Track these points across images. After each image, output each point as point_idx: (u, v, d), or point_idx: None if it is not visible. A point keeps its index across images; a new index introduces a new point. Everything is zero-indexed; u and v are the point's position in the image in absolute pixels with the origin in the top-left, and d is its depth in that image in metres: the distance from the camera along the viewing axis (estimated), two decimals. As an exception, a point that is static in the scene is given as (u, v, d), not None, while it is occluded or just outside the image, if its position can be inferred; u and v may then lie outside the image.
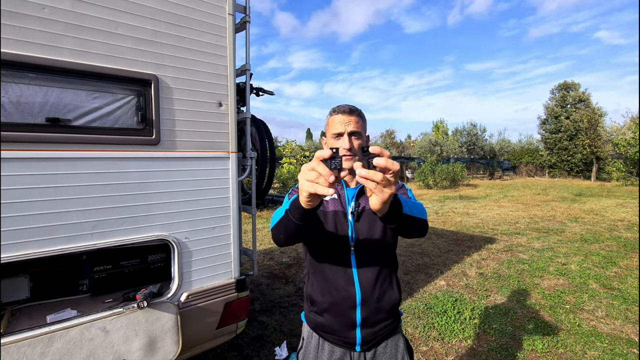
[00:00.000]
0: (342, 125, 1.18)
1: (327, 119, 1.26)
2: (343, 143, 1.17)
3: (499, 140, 29.20)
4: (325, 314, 1.19)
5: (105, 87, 1.74)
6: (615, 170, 17.43)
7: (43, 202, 1.57)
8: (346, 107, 1.21)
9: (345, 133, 1.18)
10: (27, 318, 1.74)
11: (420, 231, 1.08)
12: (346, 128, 1.17)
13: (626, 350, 2.71)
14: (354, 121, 1.19)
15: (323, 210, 1.19)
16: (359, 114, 1.22)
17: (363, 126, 1.23)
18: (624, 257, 5.05)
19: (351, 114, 1.19)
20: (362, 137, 1.22)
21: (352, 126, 1.18)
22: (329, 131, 1.24)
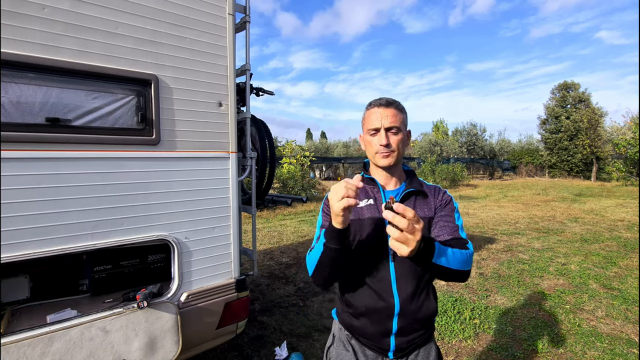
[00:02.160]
0: (379, 119, 1.09)
1: (363, 113, 1.18)
2: (379, 139, 1.09)
3: (499, 140, 29.22)
4: (361, 317, 1.14)
5: (105, 87, 1.74)
6: (615, 170, 17.43)
7: (43, 202, 1.57)
8: (383, 99, 1.12)
9: (381, 128, 1.09)
10: (27, 318, 1.73)
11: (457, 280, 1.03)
12: (383, 122, 1.09)
13: (626, 350, 2.71)
14: (392, 114, 1.09)
15: (358, 218, 1.12)
16: (397, 106, 1.12)
17: (403, 120, 1.13)
18: (624, 257, 5.05)
19: (388, 106, 1.10)
20: (401, 132, 1.12)
21: (390, 120, 1.09)
22: (365, 127, 1.15)
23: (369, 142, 1.14)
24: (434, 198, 1.18)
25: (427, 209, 1.15)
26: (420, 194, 1.17)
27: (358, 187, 0.85)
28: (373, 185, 1.18)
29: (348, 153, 29.78)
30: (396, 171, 1.18)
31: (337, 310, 1.27)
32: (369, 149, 1.14)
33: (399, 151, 1.12)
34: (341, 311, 1.22)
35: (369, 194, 1.16)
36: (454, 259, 0.96)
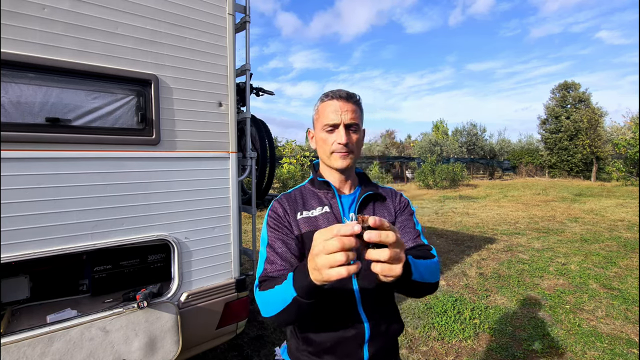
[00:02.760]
0: (338, 114, 0.95)
1: (317, 105, 1.01)
2: (338, 137, 0.95)
3: (499, 140, 29.21)
4: (325, 355, 0.94)
5: (105, 87, 1.74)
6: (615, 170, 17.42)
7: (43, 202, 1.57)
8: (343, 91, 0.98)
9: (341, 124, 0.95)
10: (27, 318, 1.74)
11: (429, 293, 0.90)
12: (342, 118, 0.95)
13: (626, 350, 2.71)
14: (352, 110, 0.96)
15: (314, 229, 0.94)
16: (357, 101, 1.00)
17: (361, 117, 1.01)
18: (624, 257, 5.05)
19: (348, 100, 0.97)
20: (359, 131, 1.00)
21: (350, 116, 0.95)
22: (319, 121, 1.00)
23: (323, 139, 0.98)
24: (392, 201, 1.08)
25: (387, 213, 1.05)
26: (378, 198, 1.06)
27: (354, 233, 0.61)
28: (327, 190, 1.03)
29: (348, 153, 29.65)
30: (351, 174, 1.06)
31: (290, 350, 1.02)
32: (324, 148, 0.99)
33: (357, 152, 1.00)
34: (296, 351, 0.99)
35: (323, 201, 1.01)
36: (427, 271, 0.84)
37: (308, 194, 1.05)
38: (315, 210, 0.99)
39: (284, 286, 0.77)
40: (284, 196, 1.04)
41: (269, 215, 1.00)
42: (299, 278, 0.72)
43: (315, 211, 0.99)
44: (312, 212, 0.99)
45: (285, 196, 1.04)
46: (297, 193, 1.05)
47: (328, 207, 1.00)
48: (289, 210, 0.99)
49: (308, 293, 0.72)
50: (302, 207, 1.00)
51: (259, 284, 0.90)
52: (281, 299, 0.78)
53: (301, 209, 1.00)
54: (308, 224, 0.97)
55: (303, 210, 0.99)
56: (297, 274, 0.74)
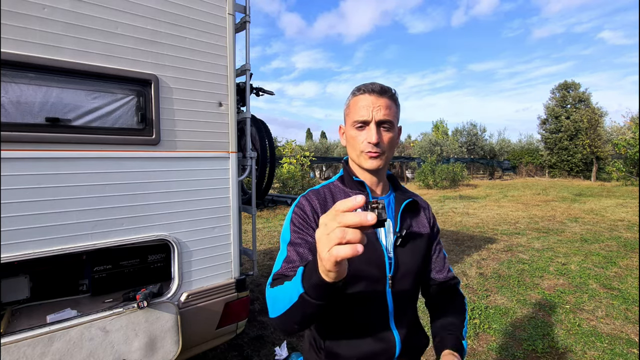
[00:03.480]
0: (369, 110, 0.86)
1: (349, 100, 0.93)
2: (369, 135, 0.87)
3: (499, 140, 29.21)
4: None
5: (105, 87, 1.74)
6: (615, 170, 17.41)
7: (43, 202, 1.57)
8: (376, 85, 0.89)
9: (372, 121, 0.87)
10: (27, 318, 1.73)
11: None
12: (374, 115, 0.86)
13: (626, 350, 2.71)
14: (385, 106, 0.87)
15: None
16: (392, 95, 0.90)
17: (397, 114, 0.92)
18: (624, 257, 5.05)
19: (382, 95, 0.88)
20: (393, 129, 0.90)
21: (383, 112, 0.86)
22: (349, 117, 0.91)
23: (353, 137, 0.90)
24: (424, 211, 1.03)
25: (424, 223, 1.00)
26: (414, 207, 0.99)
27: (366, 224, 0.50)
28: (360, 191, 0.94)
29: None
30: (383, 175, 0.98)
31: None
32: (354, 146, 0.91)
33: (389, 152, 0.92)
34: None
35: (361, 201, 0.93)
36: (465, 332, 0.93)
37: (338, 192, 0.96)
38: None
39: (293, 282, 0.68)
40: (312, 193, 0.94)
41: (295, 212, 0.90)
42: (308, 272, 0.63)
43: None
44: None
45: (314, 193, 0.94)
46: (327, 191, 0.96)
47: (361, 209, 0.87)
48: (319, 208, 0.89)
49: (316, 291, 0.61)
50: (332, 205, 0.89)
51: (272, 281, 0.82)
52: (288, 297, 0.68)
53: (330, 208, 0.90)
54: None
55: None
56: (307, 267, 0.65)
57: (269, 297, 0.78)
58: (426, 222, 1.00)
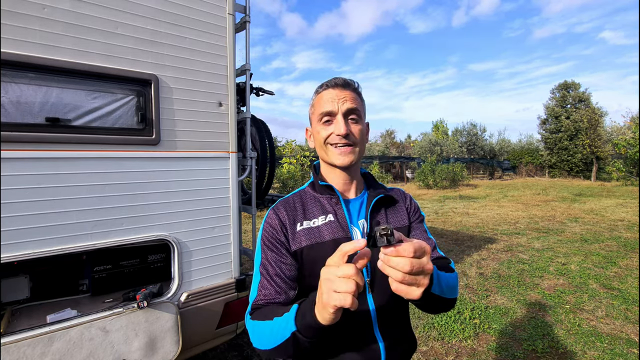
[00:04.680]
0: (334, 102, 0.84)
1: (313, 100, 0.91)
2: (337, 127, 0.83)
3: (499, 140, 29.22)
4: None
5: (105, 87, 1.74)
6: (615, 170, 17.42)
7: (43, 202, 1.57)
8: (340, 79, 0.87)
9: (338, 113, 0.84)
10: (27, 318, 1.73)
11: (444, 311, 0.83)
12: (340, 106, 0.83)
13: (626, 350, 2.71)
14: (351, 98, 0.85)
15: (317, 242, 0.84)
16: (356, 88, 0.89)
17: (362, 107, 0.89)
18: (624, 257, 5.05)
19: (346, 87, 0.86)
20: (362, 121, 0.88)
21: (349, 103, 0.84)
22: (314, 115, 0.89)
23: (318, 131, 0.87)
24: (403, 203, 0.99)
25: (400, 216, 0.95)
26: (389, 201, 0.95)
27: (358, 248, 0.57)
28: (330, 195, 0.90)
29: (348, 153, 29.70)
30: (356, 174, 0.94)
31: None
32: (321, 142, 0.88)
33: (361, 146, 0.88)
34: None
35: (326, 208, 0.88)
36: (447, 286, 0.77)
37: (309, 199, 0.92)
38: (318, 219, 0.87)
39: (284, 319, 0.69)
40: (282, 204, 0.91)
41: (264, 229, 0.87)
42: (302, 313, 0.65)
43: (318, 220, 0.86)
44: (313, 222, 0.86)
45: (283, 203, 0.91)
46: (297, 199, 0.93)
47: (332, 215, 0.87)
48: (287, 220, 0.87)
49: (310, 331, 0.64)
50: (303, 216, 0.88)
51: (252, 311, 0.81)
52: (279, 333, 0.69)
53: (301, 219, 0.87)
54: (309, 237, 0.85)
55: (303, 220, 0.87)
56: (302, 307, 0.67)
57: (252, 330, 0.77)
58: (404, 213, 0.96)
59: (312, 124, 0.92)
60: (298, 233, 0.85)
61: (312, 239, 0.84)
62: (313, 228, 0.86)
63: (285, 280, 0.82)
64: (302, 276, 0.85)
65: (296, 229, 0.86)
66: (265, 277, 0.83)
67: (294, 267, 0.84)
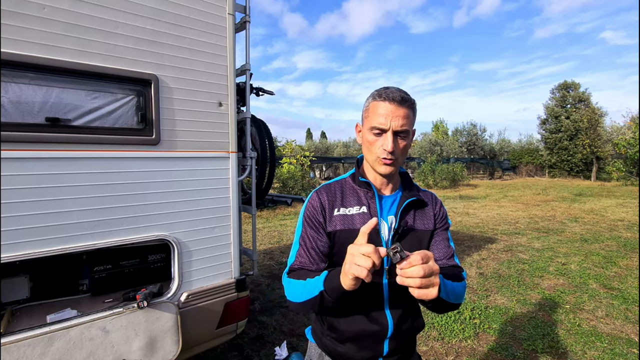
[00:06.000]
0: (388, 118, 0.90)
1: (368, 103, 0.97)
2: (385, 143, 0.91)
3: (499, 140, 29.22)
4: (347, 343, 1.00)
5: (105, 87, 1.74)
6: (615, 170, 17.41)
7: (43, 202, 1.56)
8: (397, 94, 0.91)
9: (389, 130, 0.90)
10: (27, 318, 1.73)
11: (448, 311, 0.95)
12: (392, 124, 0.90)
13: (626, 350, 2.71)
14: (403, 116, 0.90)
15: (349, 228, 0.97)
16: (411, 105, 0.93)
17: (413, 121, 0.95)
18: (624, 257, 5.05)
19: (402, 104, 0.90)
20: (408, 137, 0.95)
21: (400, 122, 0.90)
22: (368, 121, 0.95)
23: (370, 142, 0.95)
24: (432, 208, 1.08)
25: (427, 220, 1.05)
26: (419, 204, 1.05)
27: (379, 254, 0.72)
28: (367, 190, 1.02)
29: (348, 153, 29.78)
30: (393, 176, 1.04)
31: (315, 332, 1.11)
32: (370, 150, 0.97)
33: (402, 159, 0.97)
34: (321, 334, 1.07)
35: (362, 200, 1.01)
36: (453, 294, 0.88)
37: (348, 189, 1.05)
38: (353, 208, 1.00)
39: (315, 280, 0.87)
40: (324, 188, 1.05)
41: (307, 208, 1.02)
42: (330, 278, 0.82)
43: (353, 209, 1.00)
44: (349, 210, 1.00)
45: (325, 188, 1.05)
46: (337, 187, 1.06)
47: (366, 207, 1.00)
48: (327, 204, 1.00)
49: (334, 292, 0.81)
50: (341, 202, 1.01)
51: (289, 271, 0.99)
52: (309, 291, 0.87)
53: (339, 205, 1.01)
54: (343, 222, 0.98)
55: (340, 207, 1.00)
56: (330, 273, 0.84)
57: (288, 286, 0.95)
58: (431, 218, 1.06)
59: (363, 125, 1.00)
60: (335, 217, 0.99)
61: (346, 225, 0.98)
62: (348, 215, 0.99)
63: (319, 254, 0.98)
64: (331, 254, 1.01)
65: (333, 213, 1.00)
66: (302, 247, 0.99)
67: (327, 244, 0.99)
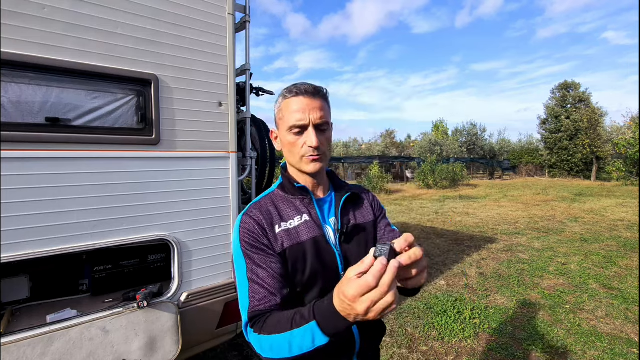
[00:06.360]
0: (306, 113, 0.85)
1: (280, 103, 0.90)
2: (309, 139, 0.85)
3: (499, 140, 29.23)
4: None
5: (105, 87, 1.74)
6: (615, 170, 17.41)
7: (43, 202, 1.57)
8: (308, 86, 0.87)
9: (310, 125, 0.85)
10: (27, 318, 1.74)
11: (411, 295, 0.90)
12: (311, 118, 0.85)
13: (626, 350, 2.71)
14: (320, 107, 0.86)
15: (297, 243, 0.87)
16: (324, 96, 0.90)
17: (330, 113, 0.92)
18: (624, 257, 5.05)
19: (316, 96, 0.87)
20: (330, 129, 0.91)
21: (319, 114, 0.85)
22: (284, 122, 0.88)
23: (291, 143, 0.88)
24: (367, 200, 1.05)
25: (366, 212, 1.01)
26: (355, 199, 1.01)
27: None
28: (303, 196, 0.94)
29: (348, 153, 29.81)
30: (323, 176, 0.98)
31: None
32: (292, 152, 0.89)
33: (329, 152, 0.92)
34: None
35: (300, 208, 0.92)
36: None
37: (281, 201, 0.95)
38: (294, 220, 0.90)
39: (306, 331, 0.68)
40: (254, 207, 0.92)
41: (242, 235, 0.86)
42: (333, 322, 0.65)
43: (294, 221, 0.90)
44: (290, 223, 0.89)
45: (256, 207, 0.92)
46: (268, 202, 0.94)
47: (307, 214, 0.91)
48: (265, 222, 0.88)
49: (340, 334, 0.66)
50: (279, 218, 0.90)
51: (251, 322, 0.80)
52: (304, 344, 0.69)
53: (278, 221, 0.89)
54: (289, 238, 0.87)
55: (281, 222, 0.89)
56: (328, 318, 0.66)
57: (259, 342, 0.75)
58: (369, 209, 1.03)
59: (279, 128, 0.93)
60: (278, 235, 0.87)
61: (293, 240, 0.87)
62: (291, 229, 0.89)
63: (279, 279, 0.82)
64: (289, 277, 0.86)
65: (275, 231, 0.88)
66: (255, 282, 0.82)
67: (280, 264, 0.85)
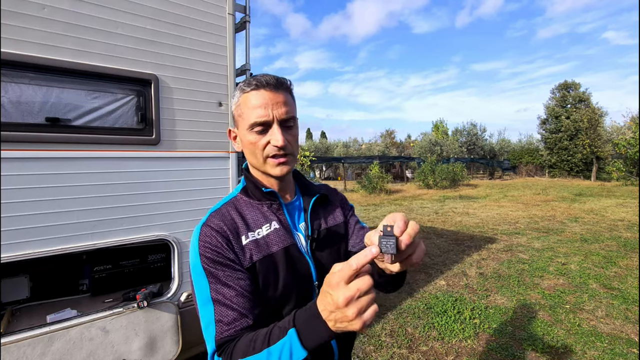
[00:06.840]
0: (268, 108, 0.74)
1: (238, 98, 0.79)
2: (273, 138, 0.75)
3: (499, 140, 29.24)
4: None
5: (105, 87, 1.74)
6: (615, 170, 17.41)
7: (43, 202, 1.57)
8: (270, 77, 0.77)
9: (274, 122, 0.75)
10: (27, 318, 1.74)
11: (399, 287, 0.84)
12: (275, 114, 0.75)
13: (626, 350, 2.71)
14: (284, 102, 0.77)
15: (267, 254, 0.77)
16: (288, 88, 0.80)
17: (295, 107, 0.83)
18: (624, 257, 5.05)
19: (279, 88, 0.77)
20: (296, 126, 0.81)
21: (283, 109, 0.76)
22: (243, 119, 0.78)
23: (253, 142, 0.77)
24: (334, 198, 0.98)
25: (336, 213, 0.95)
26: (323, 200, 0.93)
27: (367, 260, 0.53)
28: (271, 201, 0.83)
29: (348, 153, 29.82)
30: (290, 177, 0.88)
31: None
32: (255, 153, 0.78)
33: (296, 152, 0.82)
34: None
35: (268, 215, 0.82)
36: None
37: (245, 208, 0.83)
38: (262, 229, 0.79)
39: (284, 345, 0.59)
40: (215, 216, 0.78)
41: (202, 249, 0.72)
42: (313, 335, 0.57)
43: (262, 230, 0.79)
44: (258, 233, 0.79)
45: (217, 216, 0.79)
46: (231, 209, 0.81)
47: (276, 222, 0.81)
48: (229, 233, 0.75)
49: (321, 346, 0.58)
50: (245, 227, 0.79)
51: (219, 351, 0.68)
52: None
53: (244, 231, 0.78)
54: (259, 250, 0.76)
55: (248, 232, 0.78)
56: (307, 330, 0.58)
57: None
58: (338, 209, 0.95)
59: (238, 126, 0.82)
60: (246, 247, 0.76)
61: (262, 252, 0.77)
62: (260, 239, 0.78)
63: (249, 298, 0.71)
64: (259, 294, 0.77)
65: (242, 242, 0.76)
66: (222, 304, 0.70)
67: (252, 280, 0.74)
